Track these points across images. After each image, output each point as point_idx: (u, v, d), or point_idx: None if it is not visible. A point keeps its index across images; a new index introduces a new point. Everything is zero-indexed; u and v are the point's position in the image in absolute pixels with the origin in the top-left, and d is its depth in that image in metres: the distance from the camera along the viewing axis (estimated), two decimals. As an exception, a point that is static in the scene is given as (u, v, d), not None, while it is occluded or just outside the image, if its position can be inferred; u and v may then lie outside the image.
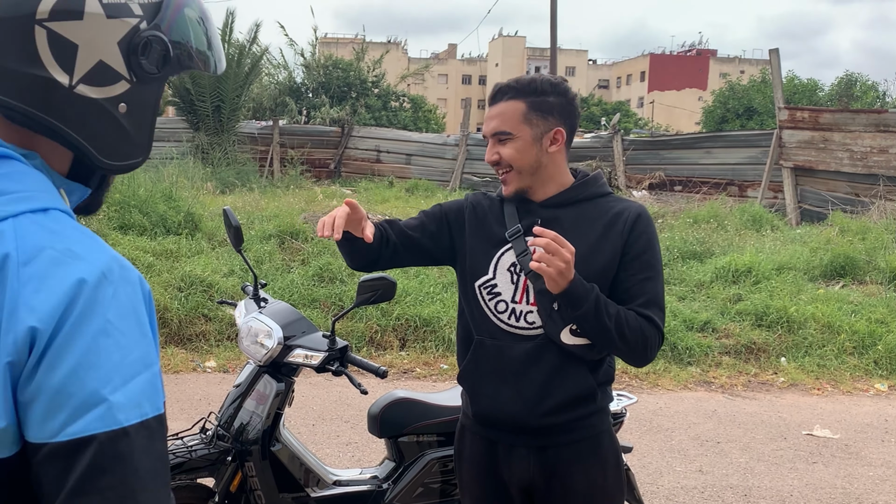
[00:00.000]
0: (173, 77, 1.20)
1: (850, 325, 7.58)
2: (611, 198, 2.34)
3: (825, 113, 15.19)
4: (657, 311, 2.20)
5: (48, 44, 1.00)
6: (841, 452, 5.41)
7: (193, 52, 1.15)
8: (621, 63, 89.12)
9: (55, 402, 0.91)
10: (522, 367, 2.25)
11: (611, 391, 2.40)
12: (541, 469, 2.29)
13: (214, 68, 1.21)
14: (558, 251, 2.04)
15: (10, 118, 1.03)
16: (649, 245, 2.25)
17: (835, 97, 36.98)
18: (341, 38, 41.49)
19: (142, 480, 0.94)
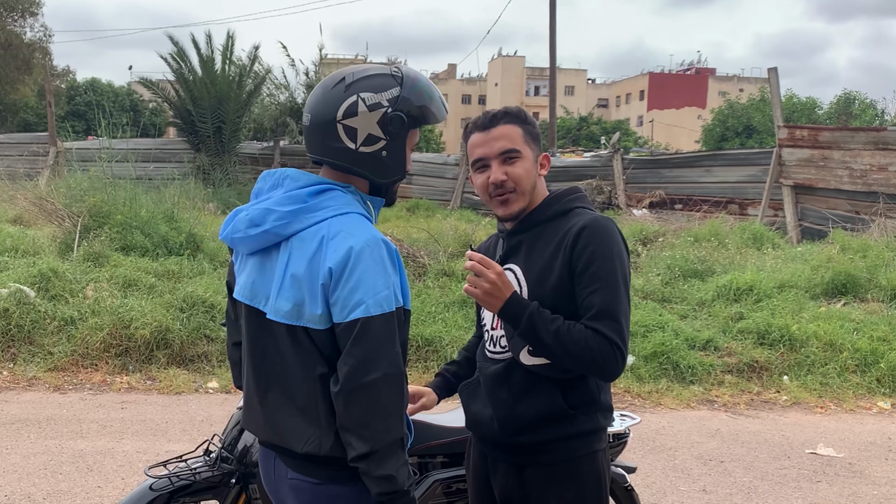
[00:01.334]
0: (404, 129, 2.08)
1: (853, 343, 7.57)
2: (574, 213, 2.31)
3: (824, 131, 15.25)
4: (608, 323, 2.14)
5: (343, 130, 2.03)
6: (845, 471, 5.39)
7: (423, 113, 2.10)
8: (620, 82, 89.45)
9: (343, 303, 1.92)
10: (494, 388, 2.36)
11: (599, 415, 2.33)
12: (519, 487, 2.34)
13: (437, 118, 2.14)
14: (482, 272, 2.16)
15: (334, 167, 2.10)
16: (594, 257, 2.18)
17: (834, 115, 37.13)
18: (342, 59, 41.66)
19: (379, 342, 1.91)
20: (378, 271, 1.93)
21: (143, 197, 10.39)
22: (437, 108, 2.11)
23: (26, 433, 5.58)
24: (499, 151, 2.29)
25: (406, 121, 2.04)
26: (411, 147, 2.12)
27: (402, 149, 2.08)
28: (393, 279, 1.95)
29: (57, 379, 6.73)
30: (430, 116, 2.10)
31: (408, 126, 2.05)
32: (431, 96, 2.10)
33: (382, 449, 1.91)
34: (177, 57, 22.18)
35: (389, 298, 1.93)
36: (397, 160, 2.08)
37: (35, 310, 7.33)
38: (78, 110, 41.92)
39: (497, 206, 2.34)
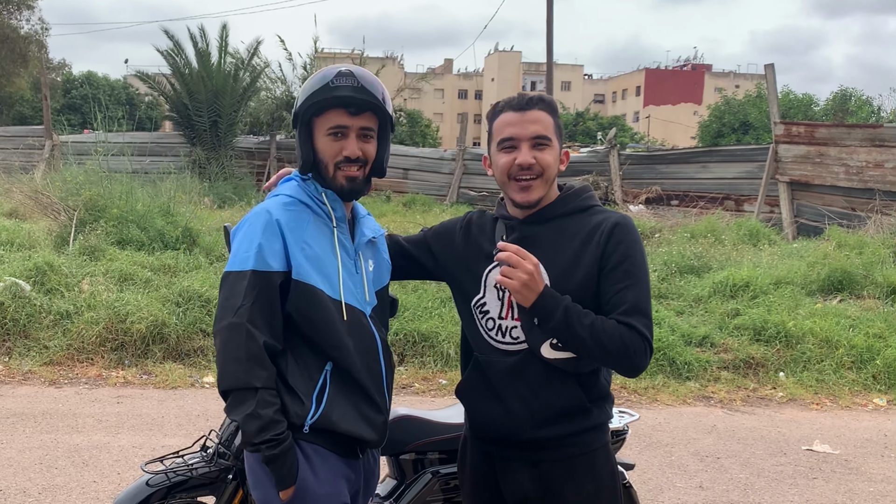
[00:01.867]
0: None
1: (849, 340, 7.58)
2: (593, 210, 2.34)
3: (821, 128, 15.26)
4: (640, 319, 2.17)
5: None
6: (841, 468, 5.40)
7: (305, 96, 2.27)
8: (617, 78, 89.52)
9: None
10: (509, 382, 2.28)
11: (608, 408, 2.38)
12: (534, 484, 2.30)
13: (315, 88, 2.24)
14: (520, 263, 2.09)
15: None
16: (628, 254, 2.22)
17: (830, 112, 37.17)
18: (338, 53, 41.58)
19: (229, 295, 2.17)
20: (248, 236, 2.18)
21: (139, 191, 10.37)
22: (315, 80, 2.25)
23: (22, 427, 5.57)
24: (532, 135, 2.25)
25: (300, 111, 2.27)
26: (322, 132, 2.26)
27: (299, 138, 2.28)
28: (260, 243, 2.15)
29: (52, 373, 6.71)
30: (303, 99, 2.26)
31: (301, 115, 2.26)
32: (307, 84, 2.28)
33: (232, 394, 2.12)
34: (172, 51, 22.12)
35: (247, 259, 2.15)
36: (299, 147, 2.29)
37: (31, 304, 7.31)
38: (74, 103, 41.83)
39: (517, 190, 2.28)
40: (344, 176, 2.27)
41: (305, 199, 2.28)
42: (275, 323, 2.18)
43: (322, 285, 2.20)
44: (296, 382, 2.20)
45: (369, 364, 2.28)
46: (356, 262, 2.34)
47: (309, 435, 2.21)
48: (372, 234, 2.42)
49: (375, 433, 2.29)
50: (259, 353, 2.13)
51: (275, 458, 2.12)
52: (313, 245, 2.22)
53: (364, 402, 2.26)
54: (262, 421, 2.10)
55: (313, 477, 2.20)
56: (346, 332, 2.22)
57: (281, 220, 2.20)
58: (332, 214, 2.28)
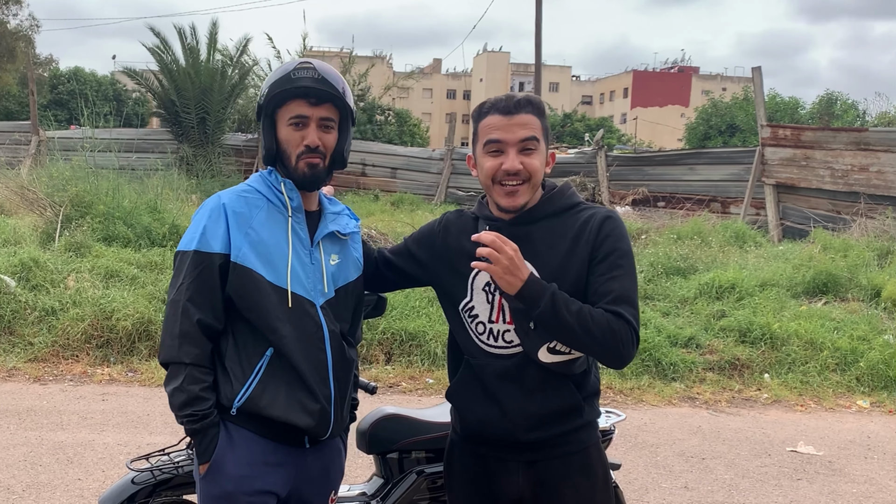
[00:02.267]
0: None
1: (833, 342, 7.63)
2: (579, 207, 2.32)
3: (807, 131, 15.36)
4: (627, 308, 2.16)
5: None
6: (825, 469, 5.44)
7: (268, 88, 2.32)
8: (605, 79, 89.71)
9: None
10: (504, 385, 2.27)
11: (597, 404, 2.39)
12: (530, 484, 2.30)
13: (278, 81, 2.31)
14: (501, 248, 2.07)
15: None
16: (615, 246, 2.22)
17: (816, 115, 37.38)
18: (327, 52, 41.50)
19: (174, 273, 2.30)
20: (197, 220, 2.31)
21: (125, 187, 10.32)
22: (277, 73, 2.32)
23: (6, 424, 5.53)
24: (519, 139, 2.22)
25: (262, 103, 2.34)
26: (284, 123, 2.32)
27: (262, 130, 2.36)
28: (205, 225, 2.26)
29: (37, 370, 6.67)
30: (266, 90, 2.32)
31: (264, 107, 2.33)
32: (269, 77, 2.35)
33: (168, 367, 2.25)
34: (160, 47, 22.00)
35: (191, 240, 2.27)
36: (267, 138, 2.35)
37: (16, 300, 7.26)
38: (61, 99, 41.55)
39: (502, 196, 2.25)
40: (305, 163, 2.32)
41: (264, 188, 2.35)
42: (214, 303, 2.26)
43: (263, 271, 2.26)
44: (231, 364, 2.27)
45: (311, 353, 2.29)
46: (312, 253, 2.36)
47: (236, 417, 2.27)
48: (338, 228, 2.44)
49: (311, 421, 2.28)
50: (192, 330, 2.22)
51: (195, 433, 2.23)
52: (260, 232, 2.28)
53: (301, 389, 2.28)
54: (187, 396, 2.20)
55: (230, 458, 2.26)
56: (286, 319, 2.26)
57: (227, 204, 2.29)
58: (287, 204, 2.33)
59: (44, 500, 4.39)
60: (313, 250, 2.36)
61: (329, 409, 2.33)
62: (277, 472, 2.31)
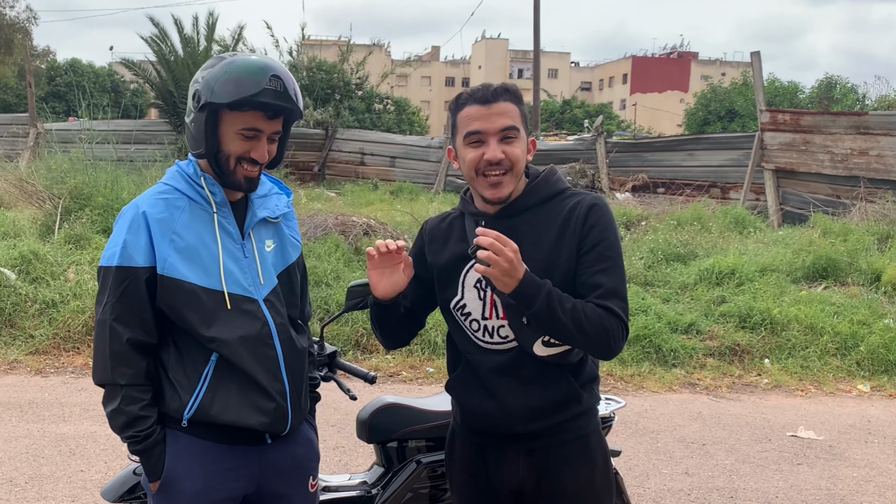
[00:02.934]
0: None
1: (833, 327, 7.63)
2: (564, 194, 2.30)
3: (806, 115, 15.33)
4: (617, 302, 2.16)
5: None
6: (825, 454, 5.45)
7: (219, 88, 2.12)
8: (604, 65, 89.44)
9: None
10: (501, 379, 2.26)
11: (597, 390, 2.39)
12: (530, 472, 2.30)
13: (233, 92, 2.12)
14: (501, 251, 2.02)
15: None
16: (602, 236, 2.19)
17: (815, 100, 37.28)
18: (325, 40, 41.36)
19: (99, 290, 2.19)
20: (116, 232, 2.19)
21: (124, 179, 10.32)
22: (244, 76, 2.11)
23: (7, 417, 5.55)
24: (500, 128, 2.19)
25: (202, 96, 2.13)
26: (233, 129, 2.16)
27: (203, 124, 2.16)
28: (125, 238, 2.14)
29: (38, 362, 6.68)
30: (224, 91, 2.11)
31: (206, 102, 2.12)
32: (230, 78, 2.12)
33: (104, 388, 2.19)
34: (157, 38, 21.96)
35: (112, 255, 2.15)
36: (199, 133, 2.18)
37: (16, 292, 7.27)
38: (58, 91, 41.40)
39: (486, 187, 2.23)
40: (244, 175, 2.22)
41: (183, 185, 2.24)
42: (144, 317, 2.16)
43: (194, 277, 2.16)
44: (176, 375, 2.19)
45: (259, 351, 2.21)
46: (245, 246, 2.27)
47: (189, 428, 2.19)
48: (267, 213, 2.34)
49: (266, 420, 2.22)
50: (122, 350, 2.14)
51: (140, 453, 2.17)
52: (186, 235, 2.17)
53: (252, 390, 2.20)
54: (126, 417, 2.14)
55: (183, 473, 2.19)
56: (227, 320, 2.17)
57: (148, 212, 2.16)
58: (211, 200, 2.23)
59: (46, 491, 4.40)
60: (245, 243, 2.27)
61: (285, 404, 2.27)
62: (238, 476, 2.26)
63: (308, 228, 9.72)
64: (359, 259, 9.00)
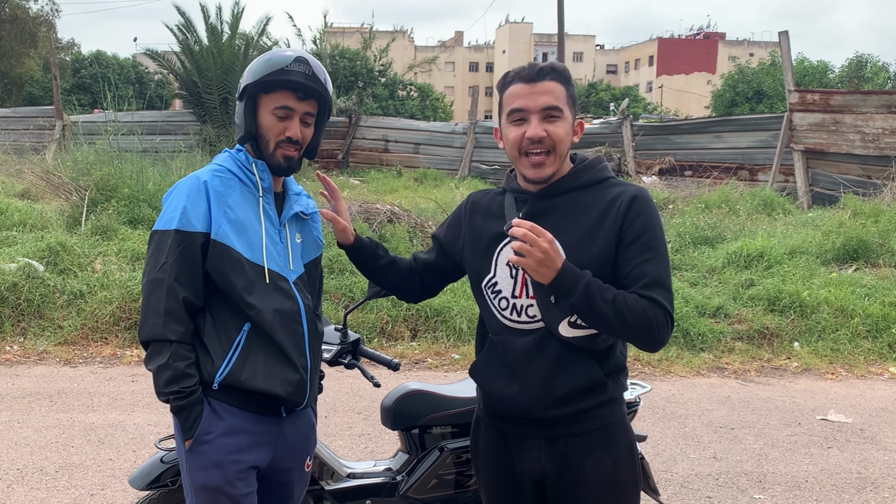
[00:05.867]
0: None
1: (864, 309, 7.53)
2: (609, 182, 2.28)
3: (836, 95, 15.07)
4: (661, 293, 2.13)
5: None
6: (856, 437, 5.38)
7: (256, 75, 2.35)
8: (629, 48, 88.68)
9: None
10: (526, 361, 2.23)
11: (624, 381, 2.35)
12: (552, 460, 2.27)
13: (262, 70, 2.35)
14: (535, 242, 2.00)
15: None
16: (647, 227, 2.17)
17: (845, 79, 36.75)
18: (347, 28, 41.35)
19: (152, 252, 2.31)
20: (175, 200, 2.33)
21: (149, 170, 10.37)
22: (269, 62, 2.34)
23: (38, 407, 5.61)
24: (542, 106, 2.17)
25: (244, 86, 2.37)
26: (268, 110, 2.36)
27: (243, 110, 2.39)
28: (185, 206, 2.29)
29: (67, 353, 6.75)
30: (256, 72, 2.35)
31: (246, 90, 2.36)
32: (262, 62, 2.36)
33: (150, 345, 2.26)
34: (183, 27, 22.05)
35: (171, 220, 2.29)
36: (240, 119, 2.41)
37: (44, 284, 7.34)
38: (83, 83, 41.74)
39: (528, 167, 2.21)
40: (282, 154, 2.39)
41: (235, 169, 2.40)
42: (196, 280, 2.30)
43: (241, 248, 2.32)
44: (210, 341, 2.32)
45: (289, 325, 2.36)
46: (280, 232, 2.44)
47: (218, 392, 2.31)
48: (301, 209, 2.53)
49: (291, 391, 2.36)
50: (177, 308, 2.26)
51: (181, 410, 2.26)
52: (236, 210, 2.33)
53: (280, 361, 2.34)
54: (173, 373, 2.24)
55: (216, 429, 2.30)
56: (264, 294, 2.32)
57: (209, 183, 2.34)
58: (259, 184, 2.40)
59: (76, 480, 4.45)
60: (281, 230, 2.45)
61: (307, 378, 2.42)
62: (259, 444, 2.37)
63: (332, 216, 9.72)
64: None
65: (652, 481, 3.23)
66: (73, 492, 4.31)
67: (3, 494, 4.25)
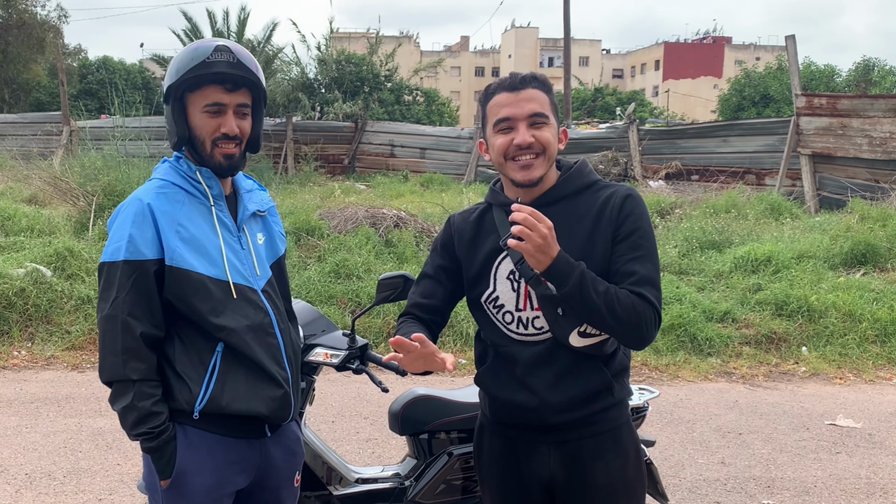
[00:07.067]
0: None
1: (872, 314, 7.50)
2: (598, 185, 2.30)
3: (843, 99, 15.04)
4: (651, 290, 2.15)
5: None
6: (865, 442, 5.35)
7: (177, 71, 2.21)
8: (635, 52, 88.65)
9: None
10: (534, 370, 2.24)
11: (628, 382, 2.36)
12: (561, 464, 2.27)
13: (184, 65, 2.20)
14: (535, 226, 2.01)
15: None
16: (637, 225, 2.19)
17: (852, 83, 36.64)
18: (353, 33, 41.41)
19: (103, 286, 2.17)
20: (119, 227, 2.18)
21: (151, 176, 10.38)
22: (189, 55, 2.19)
23: (45, 412, 5.62)
24: (528, 113, 2.19)
25: (168, 87, 2.22)
26: (198, 109, 2.22)
27: (171, 113, 2.23)
28: (131, 233, 2.14)
29: (75, 358, 6.77)
30: (178, 70, 2.20)
31: (170, 91, 2.21)
32: (181, 58, 2.22)
33: (113, 385, 2.15)
34: (190, 32, 22.12)
35: (117, 250, 2.14)
36: (170, 123, 2.25)
37: (52, 289, 7.36)
38: (90, 89, 41.83)
39: (517, 170, 2.21)
40: (221, 154, 2.25)
41: (178, 180, 2.26)
42: (154, 311, 2.17)
43: (201, 267, 2.18)
44: (184, 368, 2.19)
45: (263, 339, 2.25)
46: (241, 238, 2.31)
47: (200, 421, 2.19)
48: (257, 206, 2.39)
49: (275, 407, 2.26)
50: (135, 345, 2.13)
51: (153, 450, 2.15)
52: (189, 227, 2.19)
53: (260, 378, 2.24)
54: (139, 413, 2.12)
55: (193, 469, 2.19)
56: (233, 310, 2.20)
57: (153, 204, 2.18)
58: (208, 193, 2.26)
59: (84, 485, 4.45)
60: (240, 235, 2.32)
61: (290, 391, 2.31)
62: (242, 468, 2.28)
63: (339, 221, 9.74)
64: (389, 252, 9.00)
65: (661, 486, 3.22)
66: (81, 497, 4.32)
67: (11, 499, 4.26)
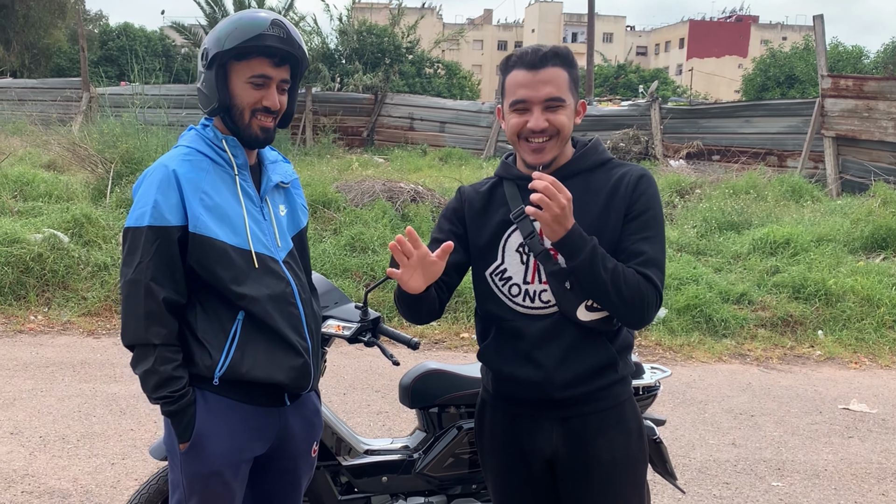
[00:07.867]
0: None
1: (891, 299, 7.43)
2: (612, 164, 2.29)
3: (870, 81, 14.82)
4: (655, 271, 2.15)
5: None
6: (878, 427, 5.32)
7: (225, 40, 2.17)
8: (660, 29, 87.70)
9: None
10: (541, 344, 2.23)
11: (630, 359, 2.37)
12: (564, 439, 2.28)
13: (237, 35, 2.17)
14: (555, 196, 2.01)
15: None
16: (649, 205, 2.19)
17: (880, 65, 36.14)
18: (375, 4, 41.19)
19: (127, 251, 2.18)
20: (144, 192, 2.18)
21: (171, 145, 10.41)
22: (243, 26, 2.16)
23: (61, 376, 5.68)
24: (544, 98, 2.15)
25: (210, 51, 2.19)
26: (242, 79, 2.20)
27: (213, 80, 2.21)
28: (156, 198, 2.14)
29: (90, 323, 6.82)
30: (229, 39, 2.16)
31: (214, 55, 2.18)
32: (232, 26, 2.18)
33: (135, 349, 2.17)
34: (210, 1, 22.06)
35: (142, 215, 2.14)
36: (210, 89, 2.23)
37: (69, 255, 7.41)
38: (111, 55, 41.88)
39: (528, 152, 2.20)
40: (259, 125, 2.25)
41: (205, 148, 2.26)
42: (177, 277, 2.18)
43: (224, 236, 2.19)
44: (205, 334, 2.20)
45: (285, 309, 2.26)
46: (263, 209, 2.31)
47: (219, 387, 2.21)
48: (280, 178, 2.39)
49: (294, 376, 2.27)
50: (158, 310, 2.14)
51: (172, 414, 2.18)
52: (213, 195, 2.20)
53: (280, 347, 2.24)
54: (160, 377, 2.14)
55: (213, 433, 2.21)
56: (254, 280, 2.21)
57: (178, 171, 2.18)
58: (233, 162, 2.26)
59: (98, 449, 4.50)
60: (263, 206, 2.32)
61: (310, 361, 2.32)
62: (260, 436, 2.29)
63: (356, 195, 9.73)
64: (405, 226, 8.98)
65: (670, 465, 3.21)
66: (94, 460, 4.37)
67: (25, 461, 4.31)
